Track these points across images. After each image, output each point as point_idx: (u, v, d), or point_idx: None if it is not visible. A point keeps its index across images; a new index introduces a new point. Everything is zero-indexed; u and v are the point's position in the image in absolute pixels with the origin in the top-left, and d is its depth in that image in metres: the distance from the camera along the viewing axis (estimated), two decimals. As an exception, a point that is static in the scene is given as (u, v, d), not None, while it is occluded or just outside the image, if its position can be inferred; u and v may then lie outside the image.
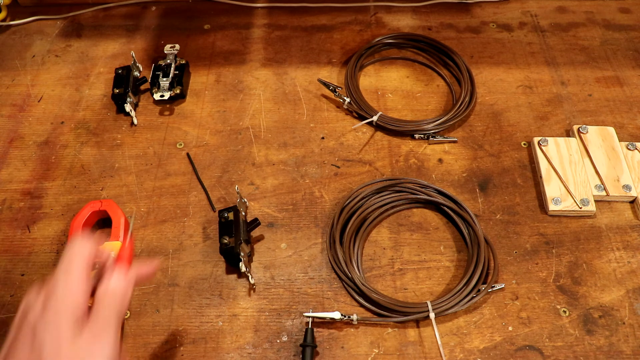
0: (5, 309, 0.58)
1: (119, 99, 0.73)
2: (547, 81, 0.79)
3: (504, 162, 0.70)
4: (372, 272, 0.61)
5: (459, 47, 0.83)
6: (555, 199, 0.64)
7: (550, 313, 0.57)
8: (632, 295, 0.59)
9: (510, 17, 0.88)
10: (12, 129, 0.73)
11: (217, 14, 0.89)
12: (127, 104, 0.72)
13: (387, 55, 0.83)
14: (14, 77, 0.80)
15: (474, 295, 0.57)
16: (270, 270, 0.61)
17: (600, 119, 0.74)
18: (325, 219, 0.65)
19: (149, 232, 0.63)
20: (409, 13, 0.89)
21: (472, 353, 0.55)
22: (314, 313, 0.55)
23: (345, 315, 0.55)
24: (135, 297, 0.59)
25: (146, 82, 0.77)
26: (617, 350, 0.55)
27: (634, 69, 0.81)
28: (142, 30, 0.87)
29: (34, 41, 0.85)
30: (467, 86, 0.76)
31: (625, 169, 0.67)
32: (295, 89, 0.78)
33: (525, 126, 0.73)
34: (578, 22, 0.88)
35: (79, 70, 0.81)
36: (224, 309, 0.58)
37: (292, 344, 0.55)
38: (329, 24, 0.87)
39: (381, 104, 0.76)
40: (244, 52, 0.83)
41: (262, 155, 0.70)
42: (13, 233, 0.63)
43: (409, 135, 0.72)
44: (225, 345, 0.56)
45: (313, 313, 0.55)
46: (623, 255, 0.62)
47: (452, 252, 0.62)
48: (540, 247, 0.62)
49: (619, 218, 0.65)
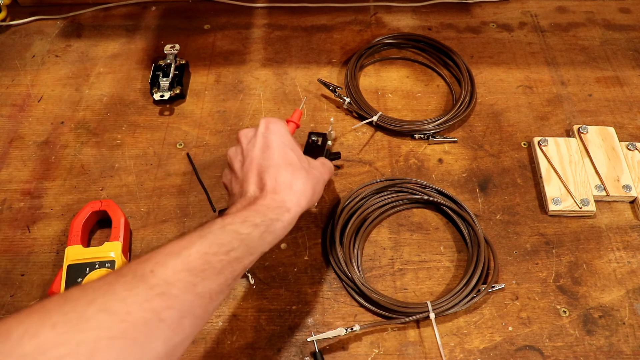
0: (5, 309, 0.58)
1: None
2: (547, 81, 0.79)
3: (504, 162, 0.70)
4: (372, 272, 0.61)
5: (459, 47, 0.83)
6: (555, 199, 0.64)
7: (550, 313, 0.57)
8: (632, 295, 0.59)
9: (510, 17, 0.88)
10: (12, 129, 0.73)
11: (217, 14, 0.89)
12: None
13: (387, 55, 0.83)
14: (14, 77, 0.80)
15: (474, 296, 0.57)
16: (270, 270, 0.61)
17: (600, 119, 0.74)
18: (325, 219, 0.65)
19: (149, 232, 0.63)
20: (409, 13, 0.89)
21: (472, 353, 0.55)
22: (318, 335, 0.53)
23: (348, 329, 0.54)
24: (135, 297, 0.59)
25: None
26: (617, 351, 0.55)
27: (634, 69, 0.81)
28: (142, 30, 0.87)
29: (34, 41, 0.85)
30: (467, 86, 0.76)
31: (625, 169, 0.67)
32: (295, 89, 0.78)
33: (525, 126, 0.73)
34: (578, 22, 0.88)
35: (79, 70, 0.81)
36: (224, 309, 0.58)
37: (292, 344, 0.55)
38: (329, 24, 0.87)
39: (381, 104, 0.76)
40: (244, 52, 0.83)
41: (262, 155, 0.70)
42: (13, 233, 0.63)
43: (409, 135, 0.72)
44: (225, 345, 0.56)
45: (317, 336, 0.53)
46: (623, 256, 0.62)
47: (452, 252, 0.62)
48: (540, 247, 0.62)
49: (619, 218, 0.65)
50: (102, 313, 0.31)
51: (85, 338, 0.30)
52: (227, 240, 0.40)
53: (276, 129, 0.51)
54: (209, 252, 0.39)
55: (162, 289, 0.35)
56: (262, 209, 0.44)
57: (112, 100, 0.76)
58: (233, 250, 0.40)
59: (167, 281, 0.35)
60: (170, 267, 0.36)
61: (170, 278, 0.35)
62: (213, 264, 0.38)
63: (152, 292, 0.34)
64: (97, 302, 0.32)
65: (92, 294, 0.33)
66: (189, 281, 0.36)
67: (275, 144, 0.50)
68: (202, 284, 0.37)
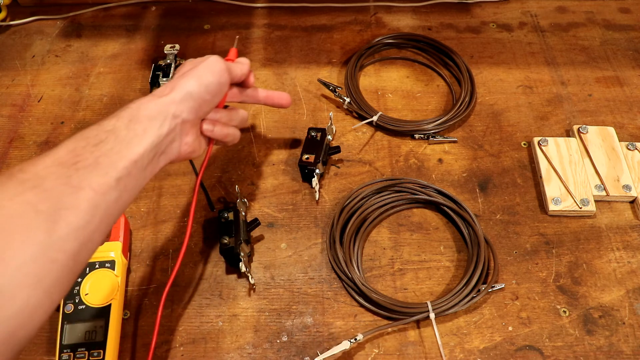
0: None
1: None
2: (547, 81, 0.79)
3: (504, 162, 0.70)
4: (372, 272, 0.61)
5: (459, 47, 0.83)
6: (555, 199, 0.64)
7: (550, 313, 0.57)
8: (632, 295, 0.59)
9: (510, 17, 0.88)
10: (12, 129, 0.73)
11: (217, 14, 0.89)
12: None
13: (387, 55, 0.83)
14: (14, 77, 0.80)
15: (474, 296, 0.57)
16: (270, 270, 0.61)
17: (600, 119, 0.74)
18: (325, 219, 0.65)
19: (148, 232, 0.63)
20: (409, 13, 0.89)
21: (472, 353, 0.55)
22: (323, 355, 0.53)
23: (352, 340, 0.53)
24: (135, 297, 0.59)
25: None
26: (617, 351, 0.55)
27: (634, 69, 0.81)
28: (142, 30, 0.87)
29: (34, 41, 0.85)
30: (467, 86, 0.76)
31: (625, 169, 0.67)
32: (295, 89, 0.78)
33: (525, 126, 0.73)
34: (578, 22, 0.88)
35: (79, 70, 0.81)
36: (224, 309, 0.58)
37: (292, 344, 0.55)
38: (329, 24, 0.87)
39: (381, 104, 0.76)
40: (244, 52, 0.83)
41: (262, 155, 0.70)
42: (13, 233, 0.63)
43: (409, 135, 0.72)
44: (225, 345, 0.56)
45: (322, 355, 0.53)
46: (623, 255, 0.62)
47: (452, 252, 0.62)
48: (540, 247, 0.62)
49: (619, 218, 0.65)
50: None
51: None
52: (93, 134, 0.40)
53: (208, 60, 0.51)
54: (77, 146, 0.39)
55: (33, 182, 0.34)
56: (128, 104, 0.45)
57: (112, 100, 0.76)
58: (102, 142, 0.40)
59: (38, 175, 0.35)
60: (40, 163, 0.36)
61: (41, 172, 0.35)
62: (84, 155, 0.38)
63: (23, 187, 0.34)
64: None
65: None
66: (61, 174, 0.36)
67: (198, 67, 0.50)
68: (76, 175, 0.37)
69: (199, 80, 0.48)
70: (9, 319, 0.31)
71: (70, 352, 0.53)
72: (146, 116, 0.44)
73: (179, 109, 0.46)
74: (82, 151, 0.38)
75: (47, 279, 0.33)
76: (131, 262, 0.61)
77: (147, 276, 0.60)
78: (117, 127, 0.42)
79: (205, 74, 0.48)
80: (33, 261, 0.32)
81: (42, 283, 0.33)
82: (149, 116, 0.44)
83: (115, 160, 0.40)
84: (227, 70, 0.50)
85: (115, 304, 0.55)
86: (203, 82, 0.48)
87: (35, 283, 0.32)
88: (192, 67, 0.49)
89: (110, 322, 0.54)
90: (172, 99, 0.46)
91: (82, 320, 0.54)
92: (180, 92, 0.46)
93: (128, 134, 0.42)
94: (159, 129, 0.44)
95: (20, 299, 0.32)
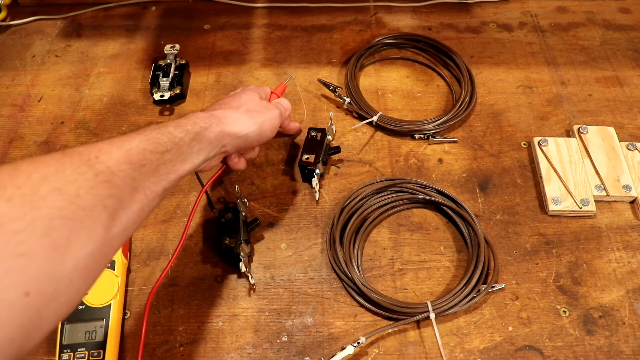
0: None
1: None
2: (547, 81, 0.79)
3: (504, 162, 0.70)
4: (372, 272, 0.61)
5: (459, 47, 0.83)
6: (555, 199, 0.64)
7: (550, 313, 0.57)
8: (632, 295, 0.59)
9: (510, 17, 0.88)
10: (12, 129, 0.73)
11: (217, 14, 0.89)
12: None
13: (387, 55, 0.83)
14: (14, 77, 0.80)
15: (474, 296, 0.57)
16: (270, 270, 0.61)
17: (600, 119, 0.74)
18: (325, 219, 0.65)
19: (149, 232, 0.63)
20: (409, 13, 0.89)
21: (472, 353, 0.55)
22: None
23: (355, 344, 0.53)
24: (135, 298, 0.59)
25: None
26: (617, 351, 0.55)
27: (634, 69, 0.81)
28: (142, 30, 0.87)
29: (34, 41, 0.85)
30: (467, 86, 0.76)
31: (625, 169, 0.67)
32: (295, 89, 0.78)
33: (525, 126, 0.73)
34: (578, 22, 0.88)
35: (79, 70, 0.81)
36: (224, 309, 0.58)
37: (292, 344, 0.55)
38: (329, 24, 0.87)
39: (381, 104, 0.76)
40: (244, 52, 0.83)
41: (262, 155, 0.70)
42: (13, 233, 0.63)
43: (409, 135, 0.72)
44: (225, 345, 0.56)
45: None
46: (623, 256, 0.62)
47: (452, 252, 0.62)
48: (540, 247, 0.62)
49: (619, 218, 0.65)
50: (55, 192, 0.32)
51: (41, 215, 0.31)
52: (163, 141, 0.42)
53: (247, 90, 0.57)
54: (147, 148, 0.40)
55: (106, 177, 0.36)
56: (194, 118, 0.47)
57: (112, 100, 0.76)
58: (167, 151, 0.42)
59: (111, 170, 0.36)
60: (114, 156, 0.37)
61: (113, 167, 0.37)
62: (151, 160, 0.40)
63: (98, 179, 0.35)
64: (50, 181, 0.32)
65: (43, 170, 0.33)
66: (129, 174, 0.38)
67: (241, 97, 0.55)
68: (139, 179, 0.38)
69: (259, 128, 0.52)
70: (63, 306, 0.32)
71: (71, 352, 0.53)
72: (207, 139, 0.47)
73: (230, 144, 0.50)
74: (150, 155, 0.40)
75: (96, 272, 0.35)
76: (131, 262, 0.61)
77: (147, 276, 0.60)
78: (183, 141, 0.44)
79: (266, 126, 0.53)
80: (92, 254, 0.33)
81: (93, 276, 0.34)
82: (209, 140, 0.47)
83: (170, 172, 0.42)
84: (279, 124, 0.56)
85: (115, 304, 0.55)
86: (262, 132, 0.52)
87: (88, 275, 0.34)
88: (256, 104, 0.54)
89: (111, 322, 0.54)
90: (230, 133, 0.49)
91: (82, 320, 0.54)
92: (240, 131, 0.50)
93: (187, 151, 0.44)
94: (208, 154, 0.47)
95: (75, 287, 0.33)
